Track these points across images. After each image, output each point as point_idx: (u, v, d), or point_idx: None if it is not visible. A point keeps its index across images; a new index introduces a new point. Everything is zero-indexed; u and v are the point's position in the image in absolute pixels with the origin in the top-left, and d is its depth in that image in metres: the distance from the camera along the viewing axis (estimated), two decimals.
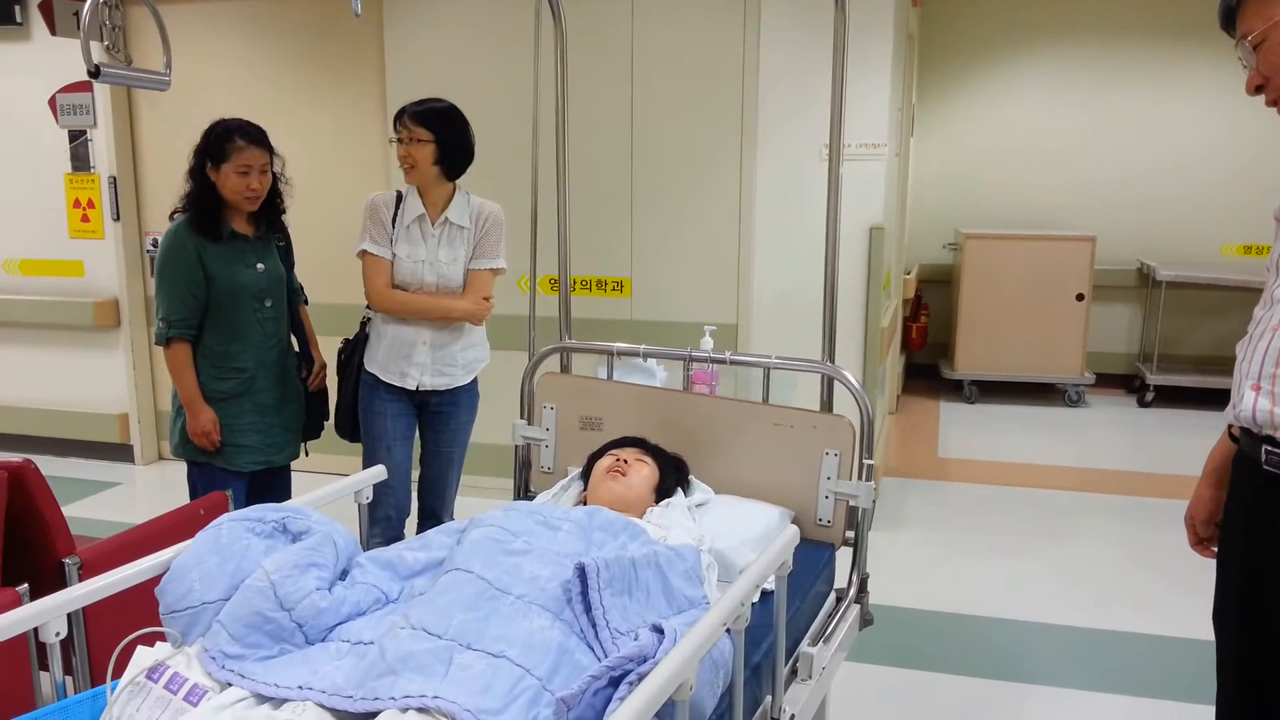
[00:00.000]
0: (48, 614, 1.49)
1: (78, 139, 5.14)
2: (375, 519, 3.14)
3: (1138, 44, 6.59)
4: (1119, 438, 5.94)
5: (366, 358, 3.15)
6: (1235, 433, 1.73)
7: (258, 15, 4.86)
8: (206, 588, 1.61)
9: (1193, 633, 3.34)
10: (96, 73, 2.08)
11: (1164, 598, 3.65)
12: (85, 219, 5.21)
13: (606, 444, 2.40)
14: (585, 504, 2.23)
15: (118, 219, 5.17)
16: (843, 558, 2.44)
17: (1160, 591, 3.71)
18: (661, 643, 1.39)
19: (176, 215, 2.94)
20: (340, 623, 1.61)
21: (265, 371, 3.00)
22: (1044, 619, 3.49)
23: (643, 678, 1.28)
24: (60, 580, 2.22)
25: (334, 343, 3.29)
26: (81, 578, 2.20)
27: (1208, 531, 1.90)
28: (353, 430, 3.24)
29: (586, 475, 2.35)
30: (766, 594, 1.97)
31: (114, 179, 5.13)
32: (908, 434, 5.91)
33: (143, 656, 1.49)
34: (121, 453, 5.38)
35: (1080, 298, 6.29)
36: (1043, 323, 6.37)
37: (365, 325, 3.19)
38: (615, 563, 1.62)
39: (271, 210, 3.03)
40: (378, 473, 2.19)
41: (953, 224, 6.95)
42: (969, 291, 6.47)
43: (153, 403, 5.38)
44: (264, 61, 4.90)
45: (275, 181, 3.00)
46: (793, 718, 1.89)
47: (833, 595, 2.42)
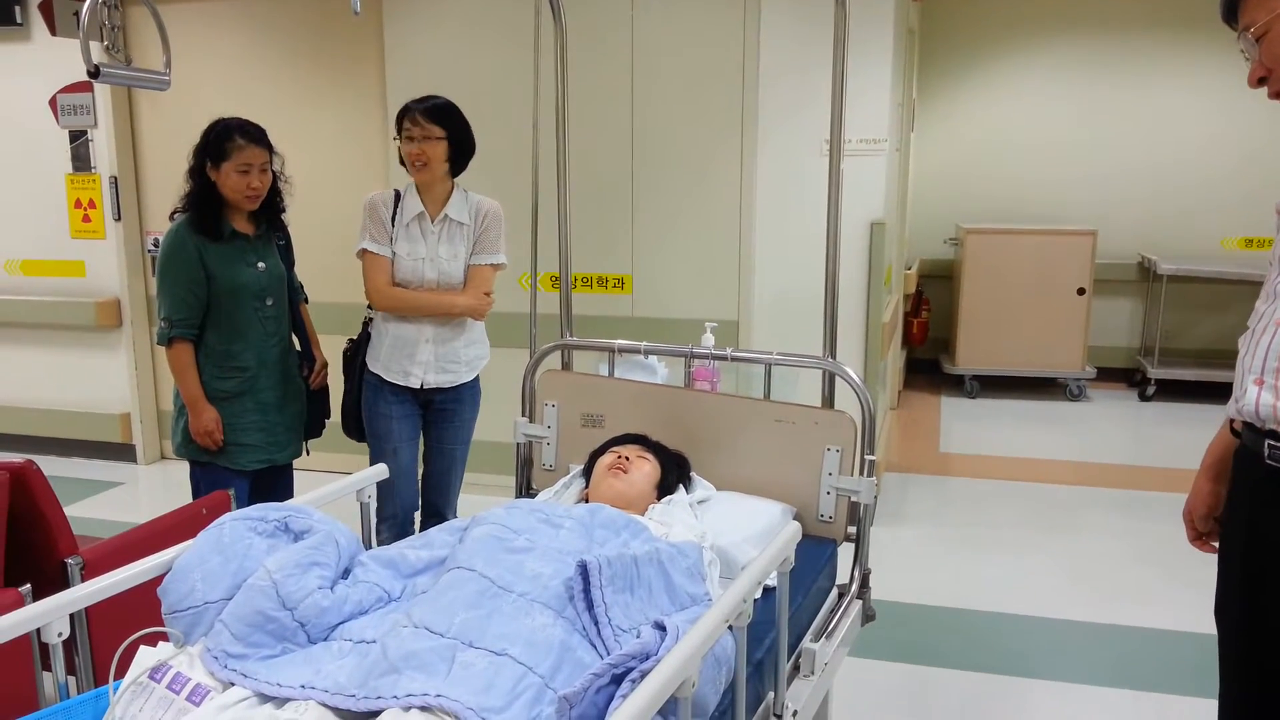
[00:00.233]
0: (50, 614, 1.50)
1: (78, 139, 5.14)
2: (383, 516, 3.16)
3: (1138, 38, 6.58)
4: (1120, 432, 5.94)
5: (369, 357, 3.14)
6: (1237, 427, 1.72)
7: (257, 14, 4.86)
8: (209, 587, 1.61)
9: (1195, 626, 3.34)
10: (96, 73, 2.08)
11: (1166, 591, 3.65)
12: (86, 219, 5.21)
13: (608, 441, 2.39)
14: (587, 501, 2.23)
15: (119, 219, 5.17)
16: (844, 553, 2.44)
17: (1162, 585, 3.71)
18: (664, 640, 1.39)
19: (177, 215, 2.94)
20: (342, 622, 1.61)
21: (267, 370, 3.00)
22: (1046, 613, 3.50)
23: (645, 675, 1.28)
24: (63, 580, 2.23)
25: (335, 341, 3.29)
26: (84, 578, 2.20)
27: (1206, 527, 1.89)
28: (359, 430, 3.24)
29: (588, 473, 2.35)
30: (769, 590, 1.97)
31: (115, 179, 5.13)
32: (909, 429, 5.91)
33: (145, 657, 1.49)
34: (124, 452, 5.38)
35: (1081, 292, 6.29)
36: (1044, 317, 6.37)
37: (367, 325, 3.19)
38: (617, 560, 1.62)
39: (271, 209, 3.03)
40: (379, 471, 2.19)
41: (953, 219, 6.94)
42: (970, 286, 6.47)
43: (154, 402, 5.39)
44: (264, 61, 4.90)
45: (275, 180, 3.00)
46: (795, 714, 1.89)
47: (835, 591, 2.42)
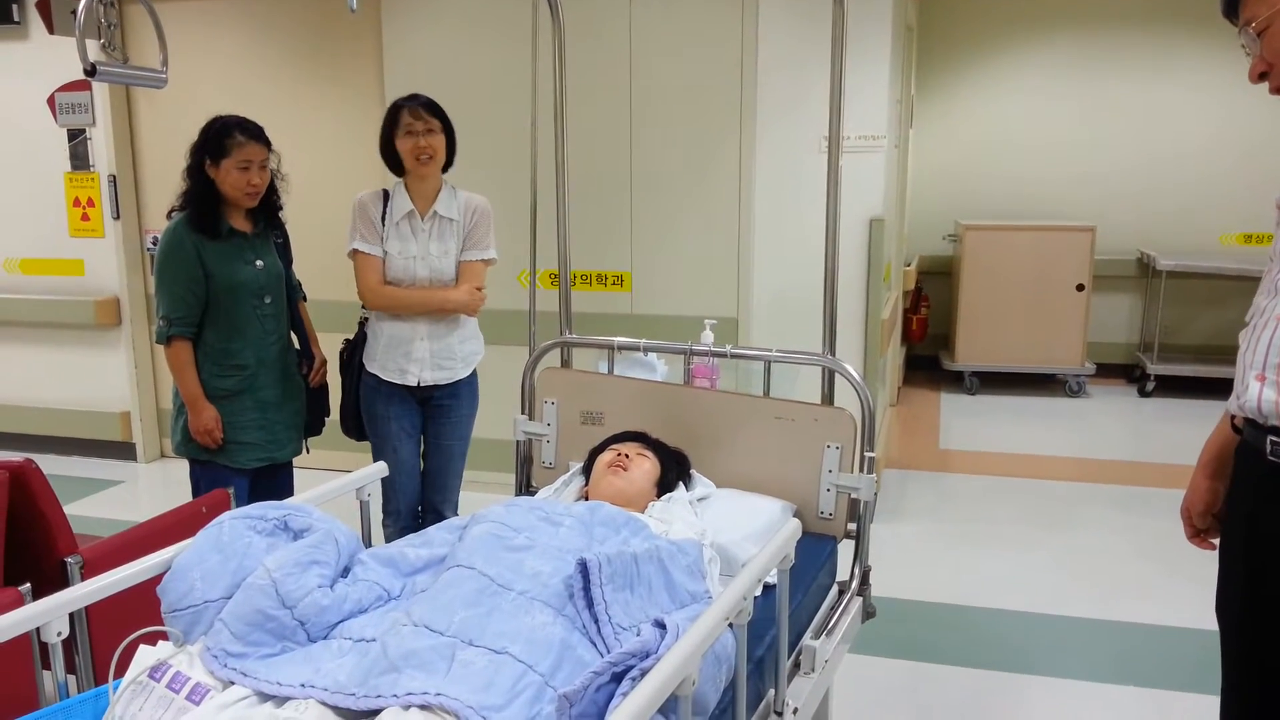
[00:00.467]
0: (50, 614, 1.50)
1: (77, 138, 5.13)
2: (387, 511, 3.20)
3: (1137, 33, 6.57)
4: (1120, 428, 5.94)
5: (366, 357, 3.15)
6: (1238, 424, 1.71)
7: (254, 12, 4.86)
8: (208, 586, 1.61)
9: (1195, 622, 3.34)
10: (92, 71, 2.08)
11: (1166, 587, 3.65)
12: (85, 218, 5.20)
13: (608, 439, 2.39)
14: (587, 499, 2.22)
15: (118, 217, 5.16)
16: (844, 550, 2.44)
17: (1162, 581, 3.71)
18: (664, 638, 1.39)
19: (174, 213, 2.94)
20: (342, 620, 1.61)
21: (266, 368, 3.00)
22: (1046, 610, 3.50)
23: (645, 673, 1.28)
24: (62, 579, 2.23)
25: (334, 339, 3.30)
26: (83, 577, 2.20)
27: (1204, 523, 1.88)
28: (358, 430, 3.25)
29: (588, 470, 2.35)
30: (769, 587, 1.97)
31: (113, 177, 5.12)
32: (908, 426, 5.91)
33: (145, 656, 1.49)
34: (123, 451, 5.38)
35: (1080, 288, 6.28)
36: (1043, 313, 6.36)
37: (363, 325, 3.20)
38: (617, 558, 1.62)
39: (269, 207, 3.03)
40: (379, 469, 2.19)
41: (952, 215, 6.94)
42: (969, 283, 6.46)
43: (154, 401, 5.39)
44: (261, 59, 4.90)
45: (272, 178, 3.00)
46: (796, 711, 1.89)
47: (835, 588, 2.42)
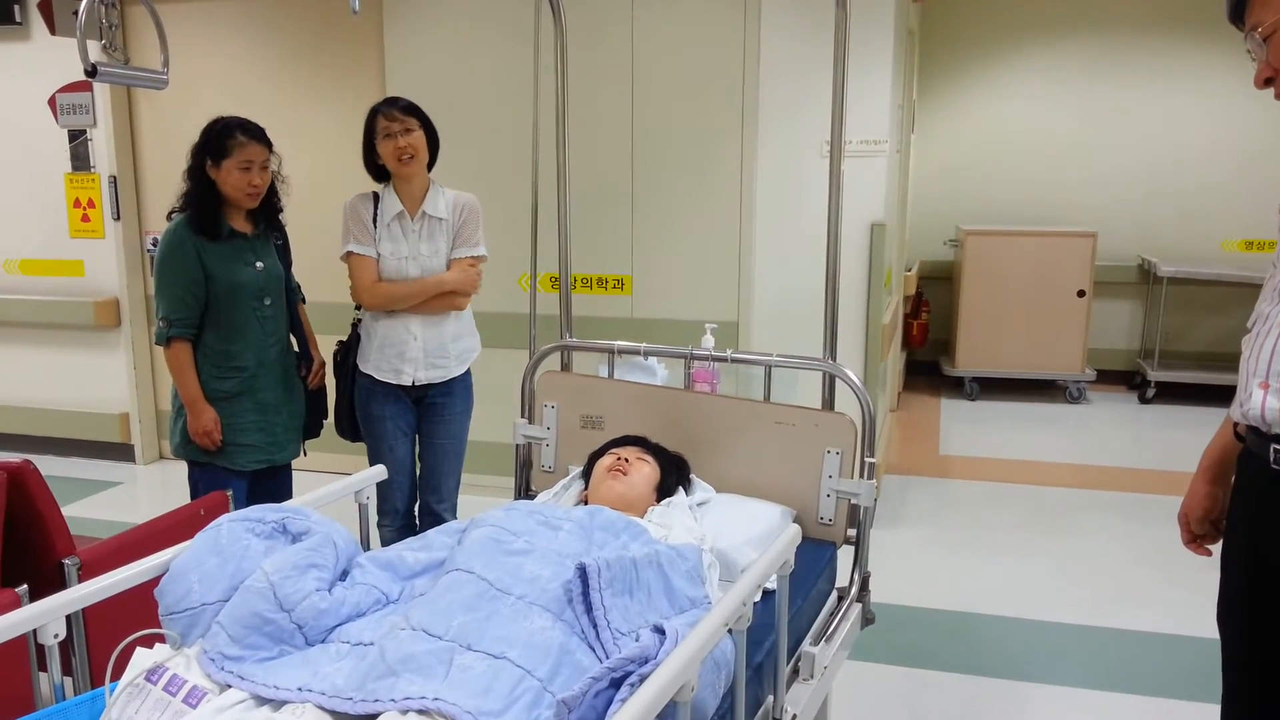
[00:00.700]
0: (47, 615, 1.49)
1: (78, 138, 5.13)
2: (384, 510, 3.21)
3: (1138, 39, 6.57)
4: (1120, 434, 5.93)
5: (360, 358, 3.16)
6: (1241, 431, 1.70)
7: (256, 14, 4.86)
8: (206, 589, 1.61)
9: (1194, 630, 3.34)
10: (93, 72, 2.08)
11: (1166, 595, 3.64)
12: (85, 218, 5.20)
13: (607, 443, 2.39)
14: (586, 503, 2.22)
15: (118, 218, 5.16)
16: (844, 556, 2.43)
17: (1162, 588, 3.70)
18: (663, 643, 1.38)
19: (174, 215, 2.93)
20: (340, 624, 1.61)
21: (266, 370, 3.00)
22: (1045, 616, 3.49)
23: (644, 679, 1.27)
24: (60, 581, 2.22)
25: (334, 341, 3.29)
26: (81, 578, 2.20)
27: (1202, 529, 1.87)
28: (353, 431, 3.26)
29: (587, 474, 2.34)
30: (768, 593, 1.96)
31: (114, 178, 5.12)
32: (909, 431, 5.90)
33: (142, 658, 1.48)
34: (122, 452, 5.38)
35: (1081, 294, 6.28)
36: (1044, 319, 6.36)
37: (356, 326, 3.21)
38: (616, 563, 1.62)
39: (269, 209, 3.03)
40: (378, 473, 2.18)
41: (953, 220, 6.94)
42: (970, 288, 6.46)
43: (153, 402, 5.38)
44: (263, 60, 4.90)
45: (273, 180, 3.00)
46: (795, 718, 1.88)
47: (834, 594, 2.42)
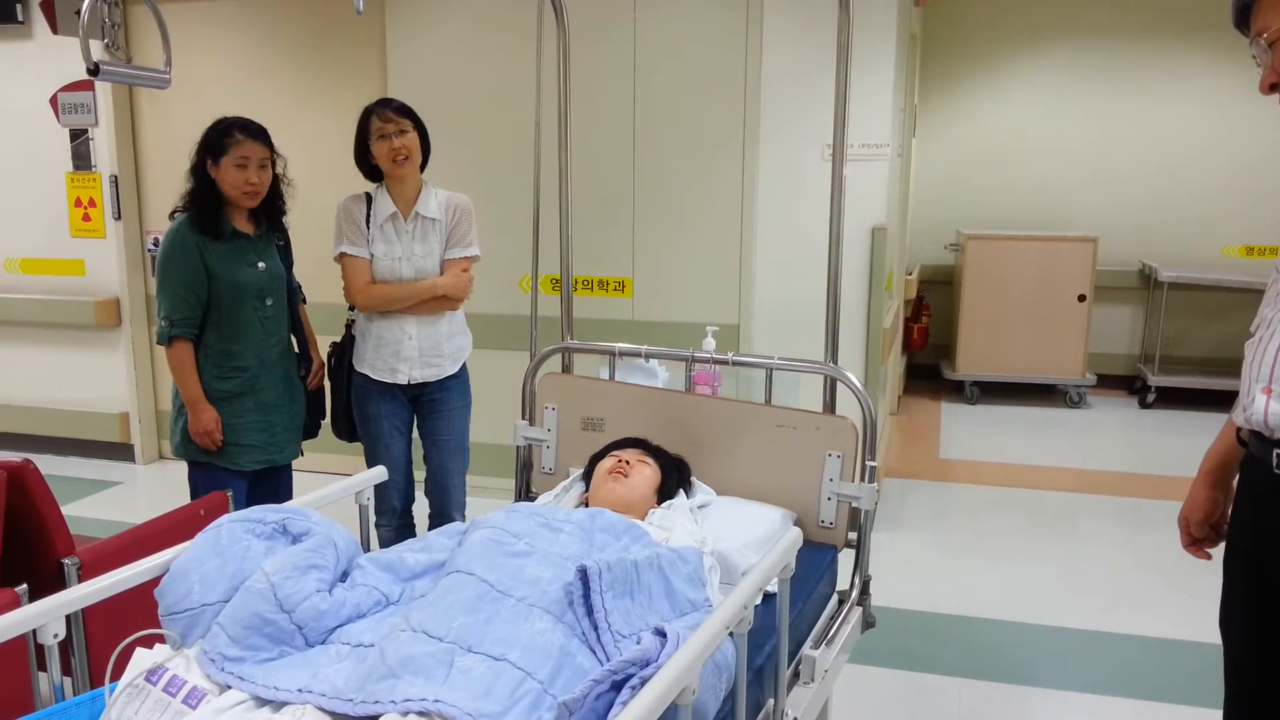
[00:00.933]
0: (46, 615, 1.49)
1: (79, 138, 5.13)
2: (381, 510, 3.21)
3: (1140, 45, 6.58)
4: (1120, 439, 5.93)
5: (355, 358, 3.18)
6: (1244, 436, 1.69)
7: (259, 14, 4.86)
8: (206, 589, 1.60)
9: (1195, 635, 3.33)
10: (96, 71, 2.07)
11: (1166, 600, 3.64)
12: (86, 218, 5.20)
13: (608, 445, 2.38)
14: (587, 505, 2.22)
15: (119, 218, 5.16)
16: (844, 559, 2.43)
17: (1162, 593, 3.70)
18: (664, 646, 1.38)
19: (177, 214, 2.93)
20: (340, 625, 1.60)
21: (267, 370, 2.99)
22: (1045, 621, 3.49)
23: (645, 682, 1.27)
24: (59, 581, 2.22)
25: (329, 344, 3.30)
26: (81, 578, 2.19)
27: (1202, 533, 1.87)
28: (350, 431, 3.27)
29: (588, 476, 2.34)
30: (769, 596, 1.96)
31: (115, 178, 5.12)
32: (909, 435, 5.90)
33: (141, 658, 1.48)
34: (122, 452, 5.37)
35: (1082, 299, 6.28)
36: (1044, 324, 6.36)
37: (350, 327, 3.22)
38: (617, 565, 1.61)
39: (272, 210, 3.03)
40: (378, 474, 2.18)
41: (954, 224, 6.94)
42: (970, 292, 6.46)
43: (153, 402, 5.38)
44: (265, 60, 4.90)
45: (277, 182, 3.00)
46: None
47: (835, 597, 2.41)
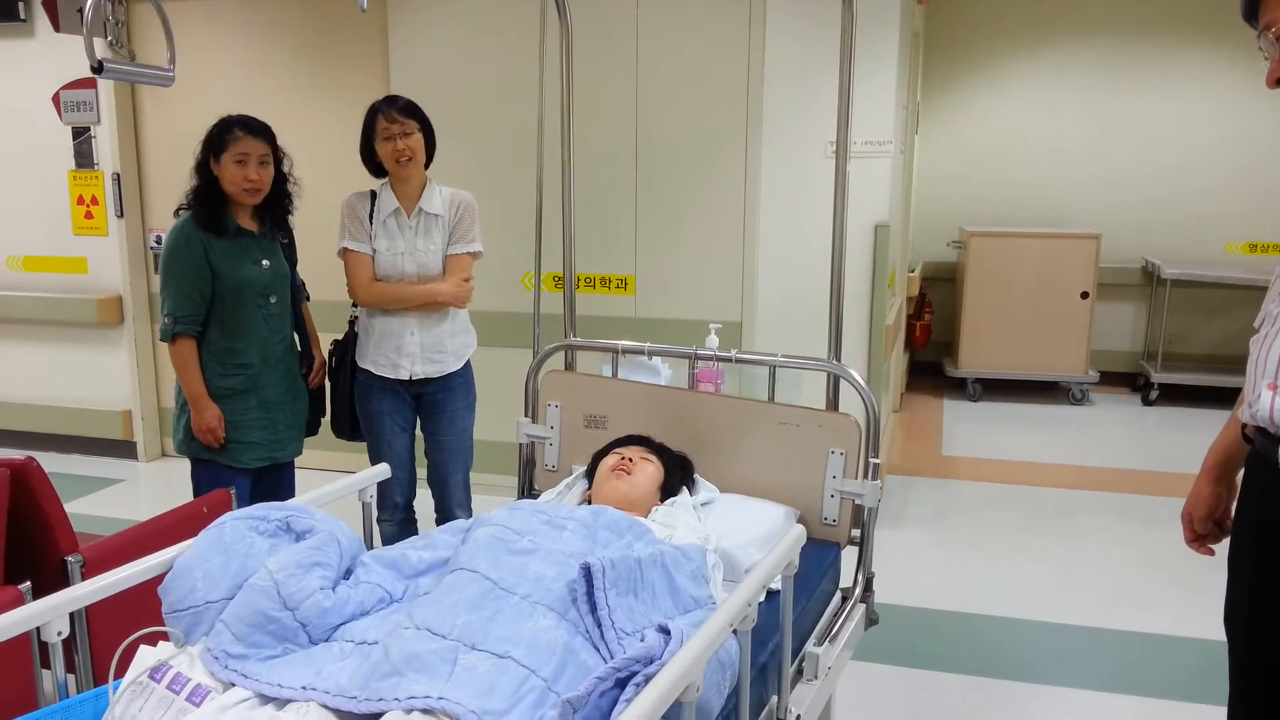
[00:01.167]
0: (50, 613, 1.49)
1: (81, 135, 5.13)
2: (383, 505, 3.21)
3: (1143, 42, 6.56)
4: (1123, 436, 5.93)
5: (358, 354, 3.19)
6: (1249, 433, 1.69)
7: (261, 12, 4.85)
8: (210, 587, 1.60)
9: (1198, 632, 3.33)
10: (99, 68, 2.07)
11: (1169, 596, 3.64)
12: (89, 215, 5.20)
13: (611, 442, 2.38)
14: (590, 503, 2.22)
15: (121, 215, 5.16)
16: (847, 556, 2.43)
17: (1165, 590, 3.70)
18: (668, 644, 1.38)
19: (181, 211, 2.93)
20: (344, 622, 1.60)
21: (270, 368, 3.00)
22: (1048, 618, 3.48)
23: (649, 679, 1.27)
24: (63, 578, 2.22)
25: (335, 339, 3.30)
26: (84, 576, 2.20)
27: (1205, 529, 1.86)
28: (350, 429, 3.27)
29: (591, 474, 2.34)
30: (772, 593, 1.96)
31: (118, 175, 5.12)
32: (911, 432, 5.89)
33: (145, 656, 1.48)
34: (125, 449, 5.38)
35: (1085, 295, 6.27)
36: (1047, 321, 6.35)
37: (353, 324, 3.23)
38: (621, 562, 1.61)
39: (277, 208, 3.02)
40: (380, 471, 2.18)
41: (957, 222, 6.93)
42: (973, 289, 6.45)
43: (156, 399, 5.38)
44: (267, 58, 4.89)
45: (284, 182, 3.00)
46: (799, 718, 1.88)
47: (838, 594, 2.41)
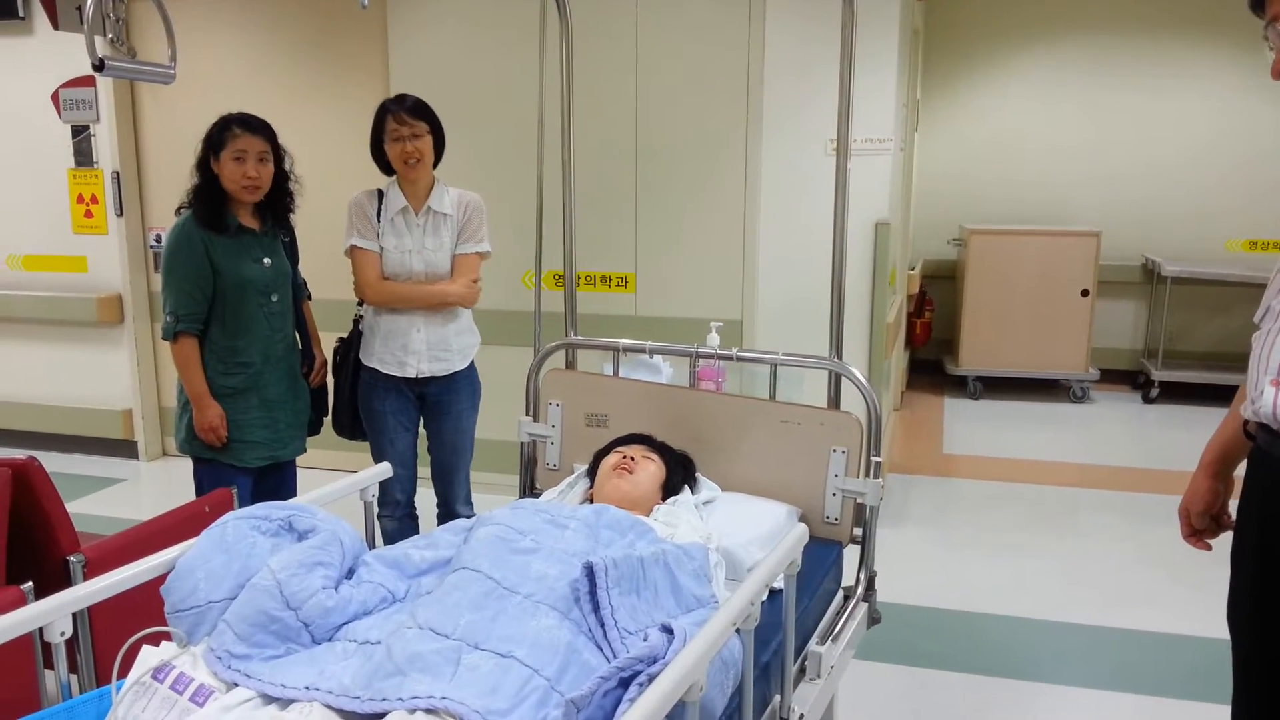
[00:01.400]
0: (53, 613, 1.48)
1: (81, 134, 5.12)
2: (384, 502, 3.22)
3: (1142, 39, 6.56)
4: (1124, 434, 5.93)
5: (363, 352, 3.18)
6: (1251, 429, 1.69)
7: (260, 9, 4.85)
8: (212, 586, 1.60)
9: (1200, 630, 3.33)
10: (101, 66, 2.06)
11: (1170, 594, 3.64)
12: (89, 214, 5.19)
13: (613, 441, 2.38)
14: (592, 501, 2.21)
15: (121, 214, 5.16)
16: (849, 555, 2.43)
17: (1166, 588, 3.70)
18: (671, 643, 1.38)
19: (183, 210, 2.93)
20: (347, 622, 1.60)
21: (272, 367, 2.99)
22: (1050, 616, 3.48)
23: (653, 678, 1.27)
24: (65, 578, 2.22)
25: (337, 338, 3.29)
26: (86, 576, 2.20)
27: (1203, 524, 1.87)
28: (352, 427, 3.27)
29: (592, 473, 2.34)
30: (775, 592, 1.96)
31: (117, 174, 5.11)
32: (912, 430, 5.89)
33: (148, 656, 1.48)
34: (125, 449, 5.37)
35: (1085, 293, 6.27)
36: (1047, 318, 6.35)
37: (358, 323, 3.22)
38: (623, 562, 1.61)
39: (279, 206, 3.02)
40: (381, 470, 2.18)
41: (957, 219, 6.93)
42: (973, 287, 6.45)
43: (156, 398, 5.38)
44: (267, 55, 4.89)
45: (285, 179, 3.00)
46: (802, 717, 1.88)
47: (840, 593, 2.41)
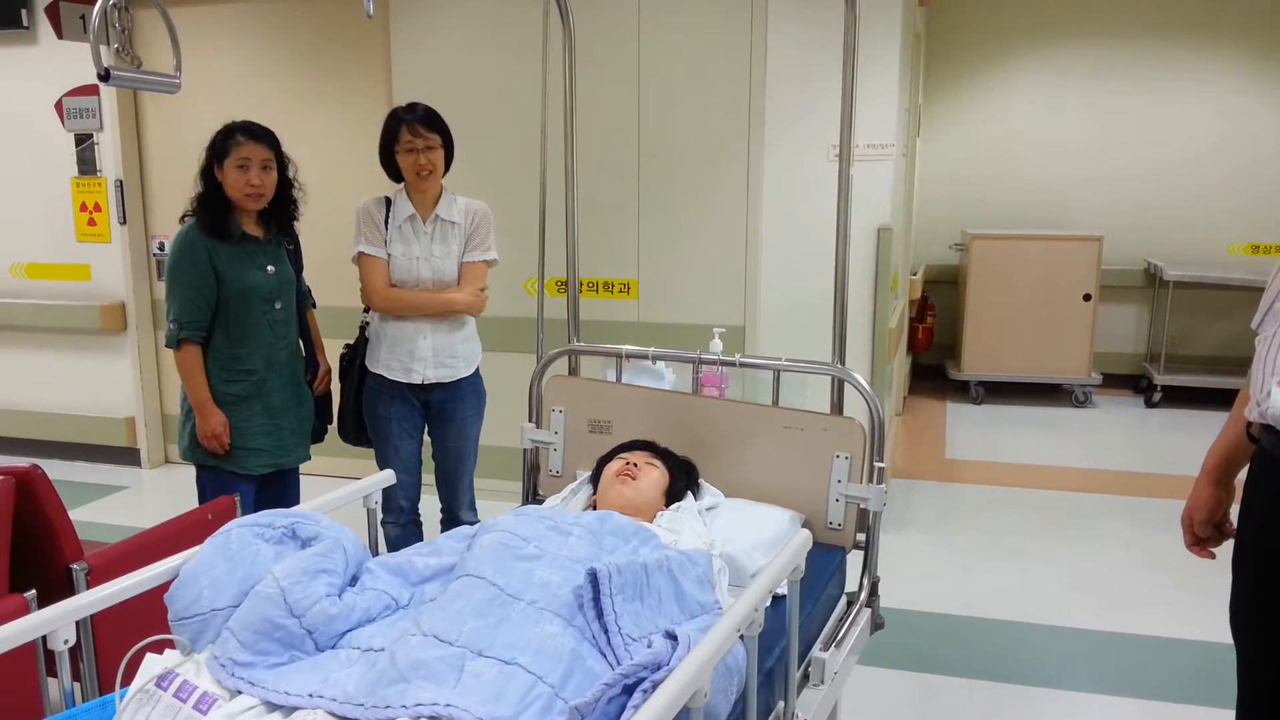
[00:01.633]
0: (56, 622, 1.49)
1: (84, 142, 5.14)
2: (388, 508, 3.23)
3: (1144, 43, 6.57)
4: (1126, 438, 5.92)
5: (369, 360, 3.18)
6: (1255, 432, 1.69)
7: (263, 18, 4.86)
8: (216, 594, 1.60)
9: (1203, 634, 3.32)
10: (106, 75, 2.07)
11: (1174, 599, 3.63)
12: (92, 223, 5.21)
13: (616, 447, 2.38)
14: (595, 508, 2.21)
15: (124, 222, 5.17)
16: (852, 560, 2.42)
17: (1170, 593, 3.69)
18: (675, 650, 1.37)
19: (187, 218, 2.93)
20: (350, 629, 1.61)
21: (275, 374, 2.99)
22: (1053, 621, 3.48)
23: (657, 685, 1.27)
24: (68, 586, 2.22)
25: (342, 345, 3.29)
26: (90, 583, 2.20)
27: (1206, 532, 1.86)
28: (356, 434, 3.27)
29: (595, 479, 2.34)
30: (778, 598, 1.95)
31: (120, 182, 5.13)
32: (914, 435, 5.89)
33: (152, 664, 1.48)
34: (128, 456, 5.37)
35: (1087, 298, 6.27)
36: (1049, 323, 6.35)
37: (364, 330, 3.22)
38: (627, 568, 1.61)
39: (282, 214, 3.03)
40: (385, 478, 2.18)
41: (959, 224, 6.93)
42: (975, 292, 6.45)
43: (159, 406, 5.38)
44: (270, 63, 4.90)
45: (289, 187, 3.01)
46: None
47: (843, 599, 2.41)
